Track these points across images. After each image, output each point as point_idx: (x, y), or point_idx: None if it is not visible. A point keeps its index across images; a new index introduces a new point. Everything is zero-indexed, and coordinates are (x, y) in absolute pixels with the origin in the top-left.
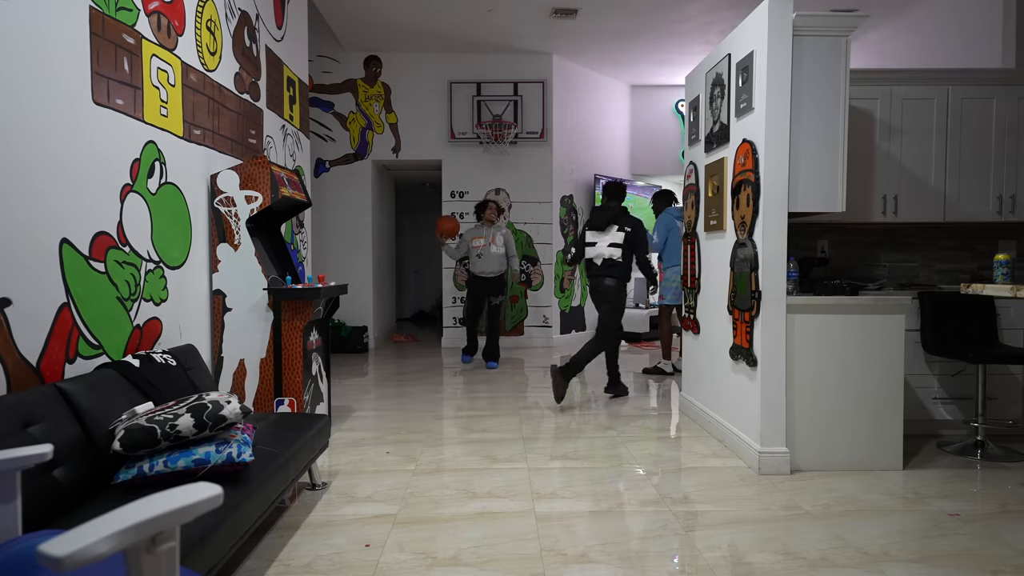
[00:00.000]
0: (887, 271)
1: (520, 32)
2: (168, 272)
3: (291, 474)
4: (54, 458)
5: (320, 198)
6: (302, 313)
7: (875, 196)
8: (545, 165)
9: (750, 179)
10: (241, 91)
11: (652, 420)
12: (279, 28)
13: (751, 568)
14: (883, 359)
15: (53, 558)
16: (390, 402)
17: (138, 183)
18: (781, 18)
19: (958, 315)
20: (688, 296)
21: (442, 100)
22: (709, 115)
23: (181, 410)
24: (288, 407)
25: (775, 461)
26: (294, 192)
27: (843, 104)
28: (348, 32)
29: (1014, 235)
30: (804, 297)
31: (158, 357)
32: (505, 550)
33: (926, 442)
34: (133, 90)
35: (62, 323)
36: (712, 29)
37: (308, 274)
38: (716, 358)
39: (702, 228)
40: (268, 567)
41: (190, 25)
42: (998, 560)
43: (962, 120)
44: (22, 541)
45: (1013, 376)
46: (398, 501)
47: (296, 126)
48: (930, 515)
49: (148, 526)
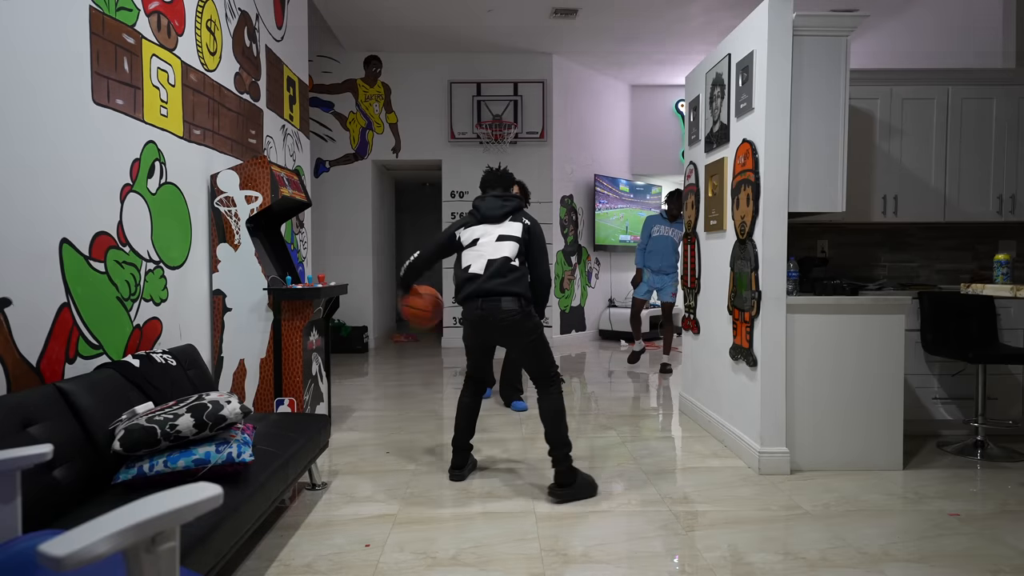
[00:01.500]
0: (887, 271)
1: (520, 32)
2: (168, 272)
3: (291, 474)
4: (54, 458)
5: (320, 198)
6: (302, 313)
7: (875, 196)
8: (545, 165)
9: (750, 179)
10: (241, 91)
11: (652, 420)
12: (279, 28)
13: (751, 568)
14: (883, 359)
15: (53, 558)
16: (390, 402)
17: (138, 183)
18: (781, 18)
19: (958, 315)
20: (688, 296)
21: (442, 100)
22: (709, 115)
23: (181, 410)
24: (288, 407)
25: (775, 461)
26: (294, 192)
27: (843, 104)
28: (348, 32)
29: (1014, 235)
30: (804, 297)
31: (158, 357)
32: (505, 550)
33: (926, 442)
34: (133, 90)
35: (62, 323)
36: (712, 29)
37: (308, 274)
38: (716, 358)
39: (702, 228)
40: (268, 567)
41: (190, 25)
42: (998, 560)
43: (962, 120)
44: (22, 541)
45: (1013, 376)
46: (398, 501)
47: (296, 126)
48: (930, 515)
49: (148, 526)
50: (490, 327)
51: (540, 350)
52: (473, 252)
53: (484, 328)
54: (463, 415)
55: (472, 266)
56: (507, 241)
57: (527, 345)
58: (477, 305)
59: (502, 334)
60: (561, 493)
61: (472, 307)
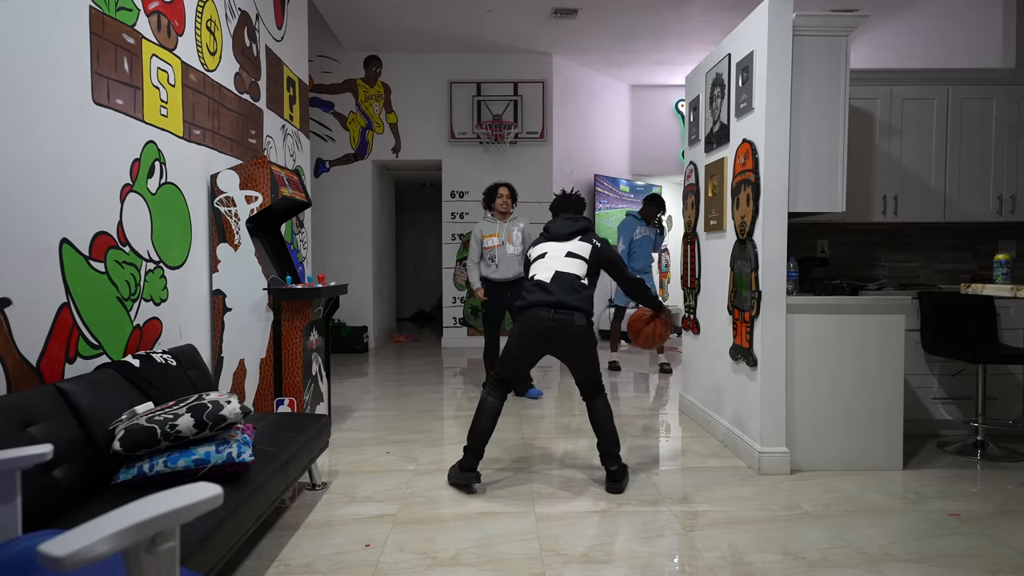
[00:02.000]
0: (887, 271)
1: (520, 32)
2: (168, 272)
3: (291, 474)
4: (54, 458)
5: (320, 198)
6: (302, 313)
7: (875, 196)
8: (545, 165)
9: (750, 179)
10: (241, 91)
11: (652, 420)
12: (279, 28)
13: (751, 568)
14: (883, 359)
15: (53, 558)
16: (390, 402)
17: (138, 183)
18: (781, 18)
19: (958, 315)
20: (688, 296)
21: (442, 100)
22: (709, 115)
23: (181, 410)
24: (288, 407)
25: (775, 461)
26: (294, 192)
27: (843, 104)
28: (348, 32)
29: (1014, 235)
30: (804, 297)
31: (158, 357)
32: (505, 550)
33: (926, 442)
34: (133, 90)
35: (62, 323)
36: (712, 29)
37: (308, 274)
38: (716, 358)
39: (702, 228)
40: (268, 567)
41: (190, 25)
42: (998, 560)
43: (962, 120)
44: (22, 541)
45: (1013, 376)
46: (398, 501)
47: (296, 126)
48: (930, 515)
49: (148, 526)
50: (558, 338)
51: (596, 363)
52: (540, 264)
53: (551, 338)
54: (488, 416)
55: (538, 275)
56: (575, 259)
57: (587, 358)
58: (549, 316)
59: (566, 346)
60: (619, 486)
61: (542, 317)
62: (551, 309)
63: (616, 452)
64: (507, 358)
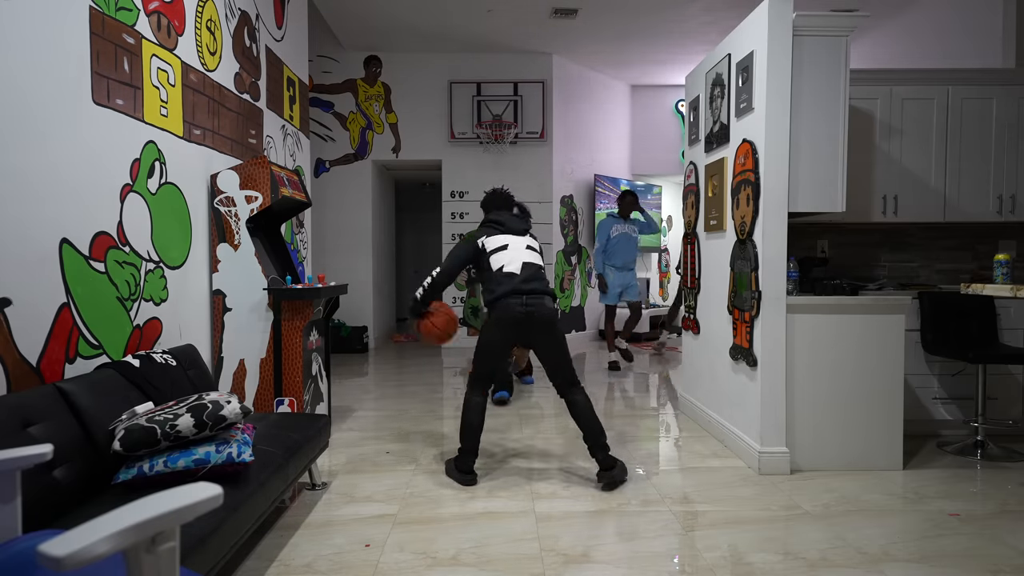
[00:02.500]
0: (887, 271)
1: (520, 32)
2: (168, 272)
3: (291, 474)
4: (54, 458)
5: (320, 198)
6: (302, 313)
7: (875, 196)
8: (545, 165)
9: (750, 179)
10: (241, 91)
11: (652, 420)
12: (279, 28)
13: (751, 568)
14: (883, 359)
15: (53, 558)
16: (390, 402)
17: (138, 183)
18: (781, 18)
19: (958, 315)
20: (688, 296)
21: (442, 100)
22: (709, 115)
23: (181, 410)
24: (288, 407)
25: (775, 461)
26: (294, 192)
27: (843, 104)
28: (348, 32)
29: (1014, 235)
30: (804, 297)
31: (158, 357)
32: (505, 550)
33: (926, 442)
34: (133, 90)
35: (62, 323)
36: (712, 29)
37: (308, 274)
38: (716, 358)
39: (702, 228)
40: (268, 567)
41: (190, 25)
42: (998, 560)
43: (962, 120)
44: (22, 541)
45: (1013, 376)
46: (398, 501)
47: (296, 126)
48: (930, 515)
49: (148, 526)
50: (532, 324)
51: (567, 351)
52: (505, 254)
53: (525, 325)
54: (477, 413)
55: (507, 266)
56: (534, 252)
57: (559, 343)
58: (521, 302)
59: (540, 331)
60: (611, 476)
61: (515, 303)
62: (523, 295)
63: (603, 441)
64: (484, 354)
